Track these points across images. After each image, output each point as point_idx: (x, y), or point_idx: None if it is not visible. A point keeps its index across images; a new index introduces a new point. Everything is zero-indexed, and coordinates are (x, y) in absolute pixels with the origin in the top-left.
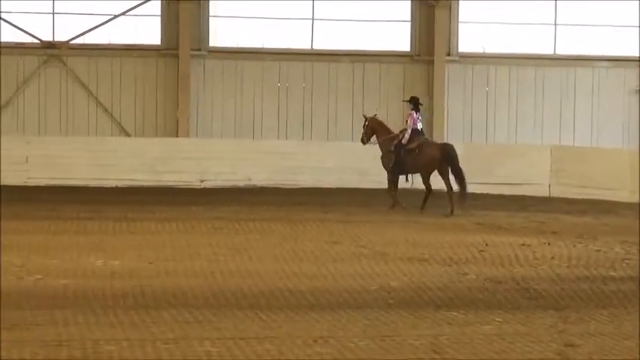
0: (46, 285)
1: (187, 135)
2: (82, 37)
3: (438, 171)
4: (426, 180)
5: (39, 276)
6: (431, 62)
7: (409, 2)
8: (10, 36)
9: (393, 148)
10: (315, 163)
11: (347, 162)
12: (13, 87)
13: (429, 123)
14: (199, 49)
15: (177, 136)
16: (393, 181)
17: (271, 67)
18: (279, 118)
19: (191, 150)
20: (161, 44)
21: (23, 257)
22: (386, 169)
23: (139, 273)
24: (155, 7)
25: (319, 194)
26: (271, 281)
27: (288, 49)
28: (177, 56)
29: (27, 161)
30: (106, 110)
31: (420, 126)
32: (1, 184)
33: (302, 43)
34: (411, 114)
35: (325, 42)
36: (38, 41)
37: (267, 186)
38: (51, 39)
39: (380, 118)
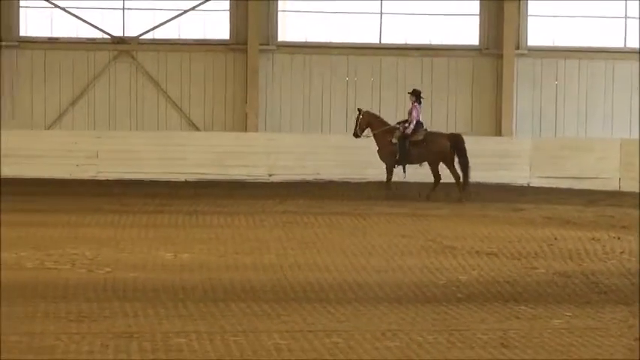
0: (115, 278)
1: (256, 129)
2: (151, 33)
3: (446, 160)
4: (435, 169)
5: (109, 269)
6: (500, 56)
7: None
8: (81, 31)
9: (396, 140)
10: None
11: None
12: (84, 82)
13: (498, 117)
14: (268, 44)
15: (245, 131)
16: (392, 171)
17: (339, 62)
18: (347, 112)
19: (260, 144)
20: (230, 39)
21: (93, 250)
22: (385, 161)
23: (208, 266)
24: (224, 2)
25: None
26: (340, 275)
27: (356, 43)
28: (246, 51)
29: (97, 156)
30: (175, 105)
31: (420, 118)
32: (71, 178)
33: (370, 38)
34: (415, 106)
35: (393, 36)
36: (109, 37)
37: (335, 180)
38: (121, 34)
39: (373, 111)
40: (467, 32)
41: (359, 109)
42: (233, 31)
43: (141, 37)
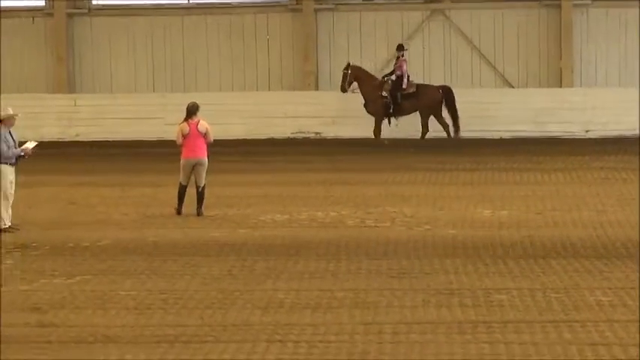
0: (435, 235)
1: (571, 85)
2: None
3: (436, 111)
4: (425, 120)
5: (428, 226)
6: None
7: None
8: None
9: (386, 93)
10: None
11: None
12: (399, 42)
13: None
14: None
15: (560, 87)
16: (381, 124)
17: None
18: None
19: (575, 100)
20: None
21: (412, 208)
22: (376, 114)
23: (527, 223)
24: None
25: None
26: None
27: None
28: (559, 6)
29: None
30: (488, 62)
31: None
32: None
33: None
34: (405, 60)
35: None
36: None
37: None
38: None
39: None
40: None
41: (348, 63)
42: None
43: None
